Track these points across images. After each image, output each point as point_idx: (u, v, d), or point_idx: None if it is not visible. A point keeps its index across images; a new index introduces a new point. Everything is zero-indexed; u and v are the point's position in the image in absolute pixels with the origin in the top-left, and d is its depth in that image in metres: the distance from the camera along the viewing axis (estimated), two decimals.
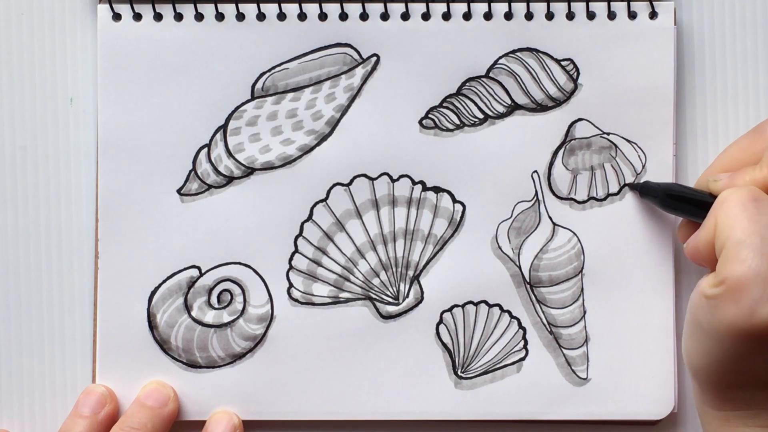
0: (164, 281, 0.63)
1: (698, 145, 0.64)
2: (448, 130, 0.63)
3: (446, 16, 0.62)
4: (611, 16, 0.62)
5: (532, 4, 0.62)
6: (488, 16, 0.62)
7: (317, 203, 0.63)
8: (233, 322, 0.63)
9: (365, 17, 0.63)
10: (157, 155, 0.63)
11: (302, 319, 0.63)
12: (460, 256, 0.63)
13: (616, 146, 0.63)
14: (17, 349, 0.64)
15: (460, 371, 0.63)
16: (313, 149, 0.63)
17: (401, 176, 0.63)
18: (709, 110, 0.64)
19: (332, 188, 0.63)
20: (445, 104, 0.63)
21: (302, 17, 0.63)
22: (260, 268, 0.63)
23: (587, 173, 0.63)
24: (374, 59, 0.63)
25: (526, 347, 0.63)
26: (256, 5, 0.62)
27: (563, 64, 0.63)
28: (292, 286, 0.63)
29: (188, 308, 0.63)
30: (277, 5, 0.62)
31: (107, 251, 0.63)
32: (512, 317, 0.63)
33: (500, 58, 0.63)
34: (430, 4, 0.62)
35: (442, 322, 0.63)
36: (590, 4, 0.62)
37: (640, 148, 0.63)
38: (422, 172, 0.63)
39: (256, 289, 0.63)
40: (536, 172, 0.63)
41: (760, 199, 0.55)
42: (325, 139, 0.63)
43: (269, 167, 0.63)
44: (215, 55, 0.63)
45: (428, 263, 0.63)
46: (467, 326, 0.63)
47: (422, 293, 0.63)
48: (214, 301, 0.63)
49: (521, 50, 0.63)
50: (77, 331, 0.64)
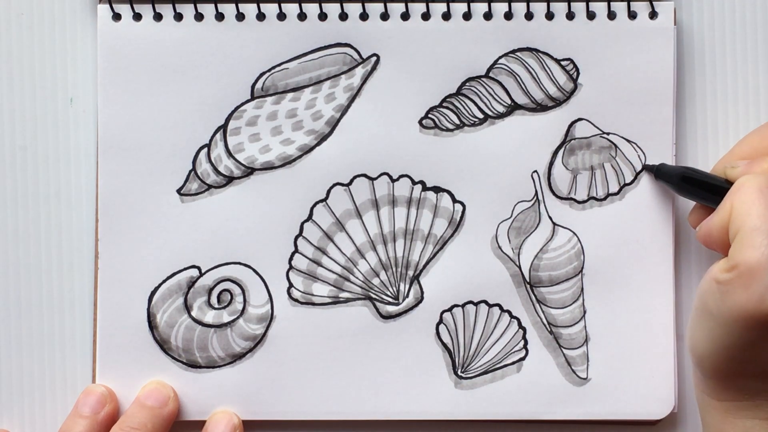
0: (164, 281, 0.63)
1: (698, 145, 0.64)
2: (448, 130, 0.63)
3: (446, 16, 0.62)
4: (611, 16, 0.62)
5: (532, 4, 0.62)
6: (488, 16, 0.62)
7: (317, 203, 0.63)
8: (233, 322, 0.63)
9: (365, 17, 0.63)
10: (157, 155, 0.63)
11: (302, 319, 0.63)
12: (460, 256, 0.63)
13: (616, 146, 0.63)
14: (17, 349, 0.64)
15: (460, 371, 0.63)
16: (313, 149, 0.63)
17: (401, 176, 0.63)
18: (709, 110, 0.64)
19: (332, 188, 0.63)
20: (445, 104, 0.63)
21: (302, 17, 0.63)
22: (260, 268, 0.63)
23: (587, 173, 0.63)
24: (374, 59, 0.63)
25: (526, 347, 0.63)
26: (256, 5, 0.62)
27: (563, 64, 0.63)
28: (292, 286, 0.63)
29: (188, 308, 0.63)
30: (277, 5, 0.62)
31: (107, 251, 0.63)
32: (512, 317, 0.63)
33: (500, 58, 0.63)
34: (430, 4, 0.62)
35: (442, 322, 0.63)
36: (590, 4, 0.62)
37: (640, 148, 0.63)
38: (422, 172, 0.63)
39: (256, 289, 0.63)
40: (536, 172, 0.63)
41: None
42: (325, 139, 0.63)
43: (269, 167, 0.63)
44: (215, 55, 0.63)
45: (428, 263, 0.63)
46: (467, 326, 0.63)
47: (422, 293, 0.63)
48: (214, 301, 0.63)
49: (521, 50, 0.63)
50: (77, 331, 0.64)
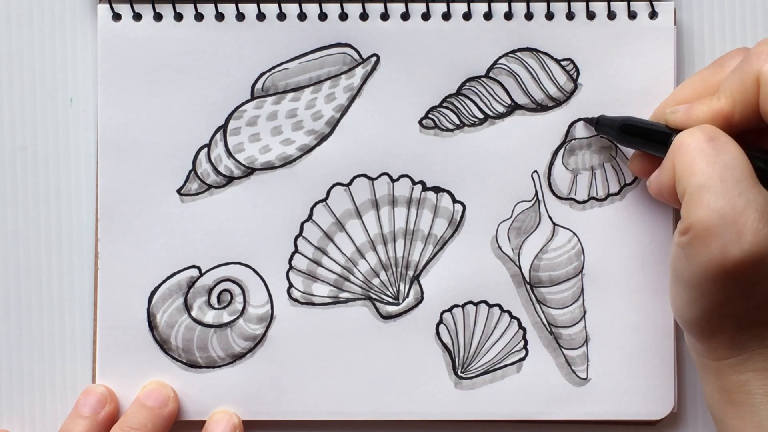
0: (164, 281, 0.63)
1: None
2: (448, 130, 0.63)
3: (446, 16, 0.62)
4: (611, 16, 0.62)
5: (532, 4, 0.62)
6: (488, 16, 0.62)
7: (317, 203, 0.63)
8: (233, 322, 0.63)
9: (365, 17, 0.63)
10: (157, 155, 0.63)
11: (302, 319, 0.63)
12: (460, 256, 0.63)
13: (616, 146, 0.63)
14: (17, 349, 0.64)
15: (460, 371, 0.63)
16: (313, 149, 0.63)
17: (401, 176, 0.63)
18: None
19: (332, 188, 0.63)
20: (445, 104, 0.63)
21: (302, 17, 0.63)
22: (260, 268, 0.63)
23: (587, 173, 0.63)
24: (374, 59, 0.63)
25: (526, 347, 0.63)
26: (256, 5, 0.62)
27: (563, 64, 0.63)
28: (292, 286, 0.63)
29: (188, 308, 0.63)
30: (277, 5, 0.62)
31: (107, 251, 0.63)
32: (512, 317, 0.63)
33: (500, 58, 0.63)
34: (430, 4, 0.62)
35: (442, 322, 0.63)
36: (590, 4, 0.62)
37: None
38: (422, 172, 0.63)
39: (256, 289, 0.63)
40: (536, 172, 0.63)
41: (716, 138, 0.54)
42: (325, 139, 0.63)
43: (269, 167, 0.63)
44: (215, 55, 0.63)
45: (428, 263, 0.63)
46: (467, 326, 0.63)
47: (422, 293, 0.63)
48: (214, 301, 0.63)
49: (521, 50, 0.63)
50: (77, 331, 0.64)
